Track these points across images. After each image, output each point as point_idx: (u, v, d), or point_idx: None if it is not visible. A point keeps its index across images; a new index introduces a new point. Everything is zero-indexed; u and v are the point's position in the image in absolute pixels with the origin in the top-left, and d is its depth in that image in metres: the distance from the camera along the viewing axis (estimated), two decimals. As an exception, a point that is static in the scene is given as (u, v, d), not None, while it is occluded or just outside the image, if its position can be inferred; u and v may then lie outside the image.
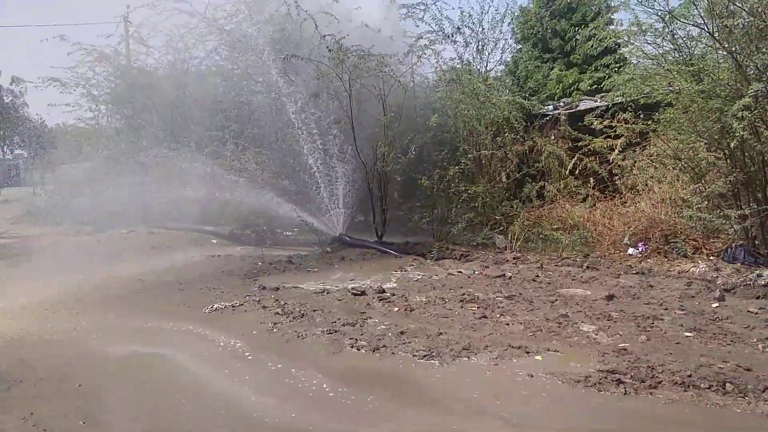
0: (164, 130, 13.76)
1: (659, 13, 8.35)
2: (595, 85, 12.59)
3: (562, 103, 12.81)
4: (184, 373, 4.65)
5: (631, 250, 8.62)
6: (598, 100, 11.70)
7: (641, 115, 9.64)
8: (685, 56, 8.31)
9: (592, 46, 10.09)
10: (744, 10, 7.24)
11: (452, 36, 11.18)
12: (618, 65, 11.31)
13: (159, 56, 14.76)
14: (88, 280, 8.13)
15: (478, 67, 11.76)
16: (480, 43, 11.51)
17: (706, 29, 7.72)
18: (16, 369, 4.80)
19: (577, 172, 10.80)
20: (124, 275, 8.42)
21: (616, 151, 10.14)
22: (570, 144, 11.14)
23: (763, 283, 6.71)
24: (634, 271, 7.67)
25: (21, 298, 7.17)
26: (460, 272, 8.00)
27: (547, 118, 11.78)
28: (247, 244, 11.06)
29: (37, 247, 12.03)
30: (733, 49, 7.50)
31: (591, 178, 10.63)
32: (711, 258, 7.96)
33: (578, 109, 11.86)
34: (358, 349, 4.95)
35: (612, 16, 10.59)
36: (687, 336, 5.10)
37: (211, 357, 4.97)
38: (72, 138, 16.53)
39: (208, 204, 11.39)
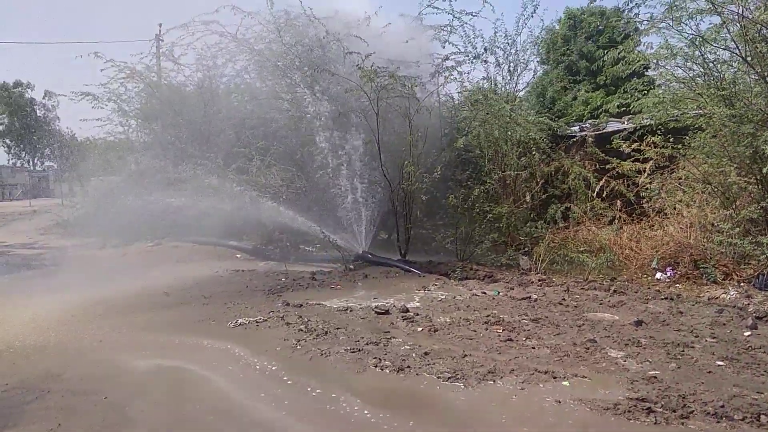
0: (192, 145, 13.97)
1: (689, 37, 8.30)
2: (623, 108, 12.47)
3: (588, 125, 12.73)
4: (210, 389, 4.66)
5: (659, 275, 8.47)
6: (626, 123, 11.60)
7: (670, 139, 9.52)
8: (716, 80, 8.23)
9: (620, 68, 10.04)
10: (777, 34, 7.17)
11: (481, 56, 11.16)
12: (646, 88, 11.24)
13: (189, 74, 15.07)
14: (114, 292, 8.24)
15: (506, 88, 11.72)
16: (512, 64, 11.48)
17: (737, 53, 7.64)
18: (44, 380, 4.88)
19: (604, 195, 10.68)
20: (150, 288, 8.52)
21: (645, 174, 10.02)
22: (597, 166, 11.03)
23: (797, 312, 6.53)
24: (663, 297, 7.52)
25: (48, 308, 7.30)
26: (485, 293, 7.94)
27: (574, 139, 11.70)
28: (270, 259, 11.14)
29: (64, 258, 12.27)
30: (766, 74, 7.41)
31: (618, 201, 10.50)
32: (742, 284, 7.78)
33: (605, 130, 11.77)
34: (382, 369, 4.92)
35: (640, 39, 10.52)
36: (719, 365, 4.97)
37: (236, 373, 4.98)
38: (101, 152, 16.87)
39: (233, 219, 11.50)
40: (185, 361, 5.30)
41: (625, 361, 5.08)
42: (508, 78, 11.61)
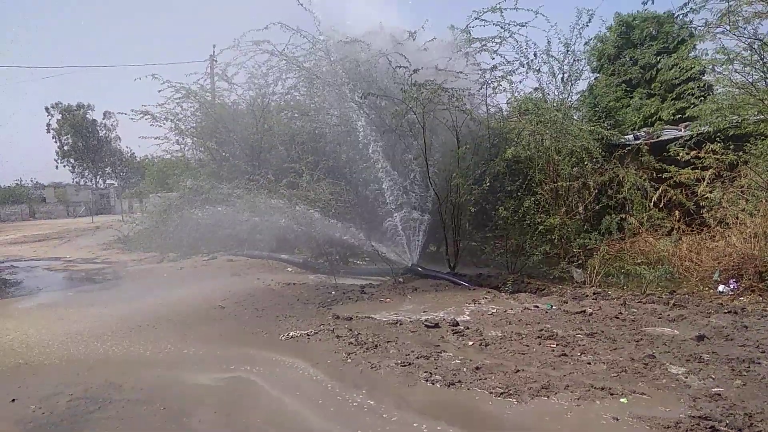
0: (244, 161, 14.36)
1: (747, 41, 8.01)
2: (679, 115, 12.07)
3: (643, 133, 12.37)
4: (264, 400, 4.73)
5: (721, 288, 8.11)
6: (682, 130, 11.24)
7: (731, 146, 9.16)
8: (778, 84, 7.89)
9: (675, 75, 9.76)
10: None
11: (533, 65, 11.03)
12: (702, 94, 10.87)
13: (241, 92, 15.56)
14: (171, 305, 8.51)
15: (559, 97, 11.53)
16: (566, 74, 11.30)
17: (802, 56, 7.31)
18: (105, 389, 5.06)
19: (661, 204, 10.32)
20: (206, 301, 8.76)
21: (704, 182, 9.64)
22: (653, 175, 10.69)
23: None
24: (726, 310, 7.18)
25: (110, 321, 7.60)
26: (537, 307, 7.78)
27: (628, 147, 11.38)
28: (320, 272, 11.26)
29: (124, 272, 12.75)
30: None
31: (676, 211, 10.13)
32: (812, 298, 7.36)
33: (661, 138, 11.41)
34: (433, 383, 4.89)
35: (695, 44, 10.20)
36: (789, 383, 4.71)
37: (289, 385, 5.04)
38: (159, 169, 17.54)
39: (284, 233, 11.70)
40: (240, 372, 5.42)
41: (686, 377, 4.87)
42: (562, 87, 11.43)
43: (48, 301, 9.66)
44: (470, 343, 6.11)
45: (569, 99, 11.76)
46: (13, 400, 4.85)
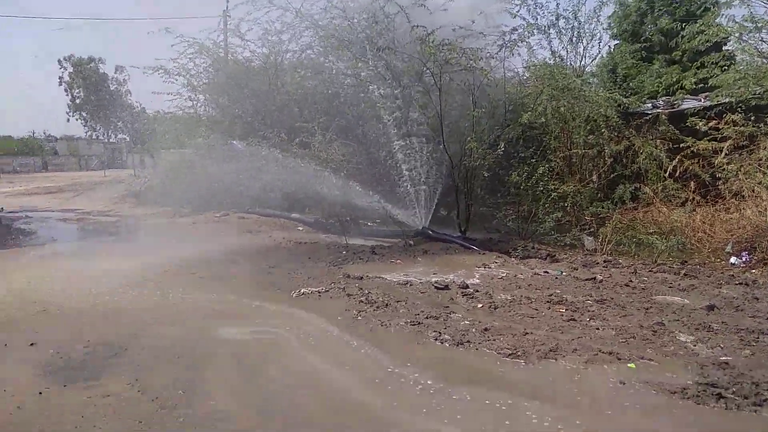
0: (257, 120, 14.28)
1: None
2: (700, 84, 11.83)
3: (662, 102, 12.15)
4: (277, 352, 4.81)
5: (733, 260, 8.08)
6: (702, 100, 11.02)
7: (752, 117, 8.99)
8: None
9: (698, 42, 9.54)
10: None
11: (547, 28, 10.84)
12: (726, 63, 10.63)
13: (255, 49, 15.34)
14: (185, 258, 8.59)
15: (573, 63, 11.35)
16: (576, 35, 11.10)
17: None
18: (122, 338, 5.15)
19: (677, 175, 10.20)
20: (219, 256, 8.87)
21: (722, 154, 9.50)
22: (670, 145, 10.53)
23: None
24: (737, 282, 7.17)
25: (125, 272, 7.69)
26: (547, 272, 7.80)
27: (646, 116, 11.19)
28: (331, 232, 11.31)
29: (138, 225, 12.89)
30: None
31: (692, 182, 10.02)
32: (825, 272, 7.32)
33: (680, 108, 11.20)
34: (442, 342, 4.96)
35: (721, 11, 9.92)
36: (797, 353, 4.72)
37: (301, 338, 5.12)
38: (170, 124, 17.45)
39: (296, 192, 11.71)
40: (252, 325, 5.52)
41: (694, 345, 4.90)
42: (573, 51, 11.23)
43: (63, 252, 9.81)
44: (479, 305, 6.16)
45: (584, 63, 11.57)
46: (32, 344, 4.96)
